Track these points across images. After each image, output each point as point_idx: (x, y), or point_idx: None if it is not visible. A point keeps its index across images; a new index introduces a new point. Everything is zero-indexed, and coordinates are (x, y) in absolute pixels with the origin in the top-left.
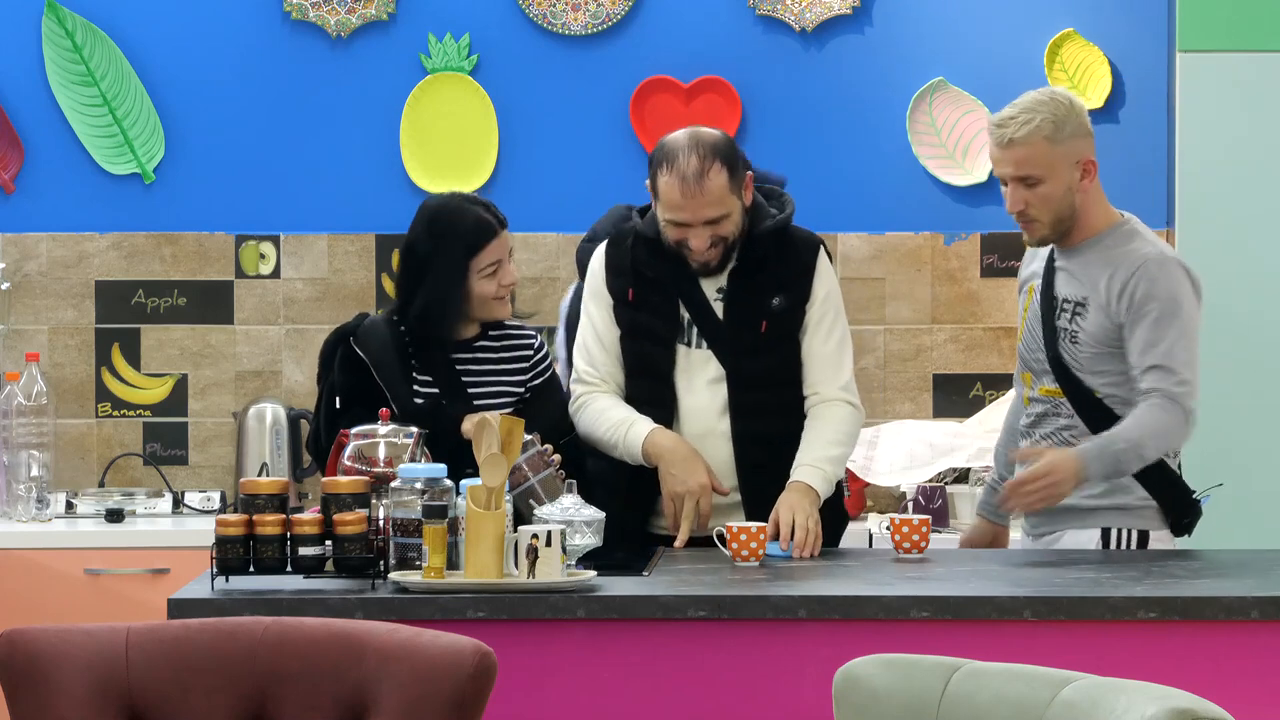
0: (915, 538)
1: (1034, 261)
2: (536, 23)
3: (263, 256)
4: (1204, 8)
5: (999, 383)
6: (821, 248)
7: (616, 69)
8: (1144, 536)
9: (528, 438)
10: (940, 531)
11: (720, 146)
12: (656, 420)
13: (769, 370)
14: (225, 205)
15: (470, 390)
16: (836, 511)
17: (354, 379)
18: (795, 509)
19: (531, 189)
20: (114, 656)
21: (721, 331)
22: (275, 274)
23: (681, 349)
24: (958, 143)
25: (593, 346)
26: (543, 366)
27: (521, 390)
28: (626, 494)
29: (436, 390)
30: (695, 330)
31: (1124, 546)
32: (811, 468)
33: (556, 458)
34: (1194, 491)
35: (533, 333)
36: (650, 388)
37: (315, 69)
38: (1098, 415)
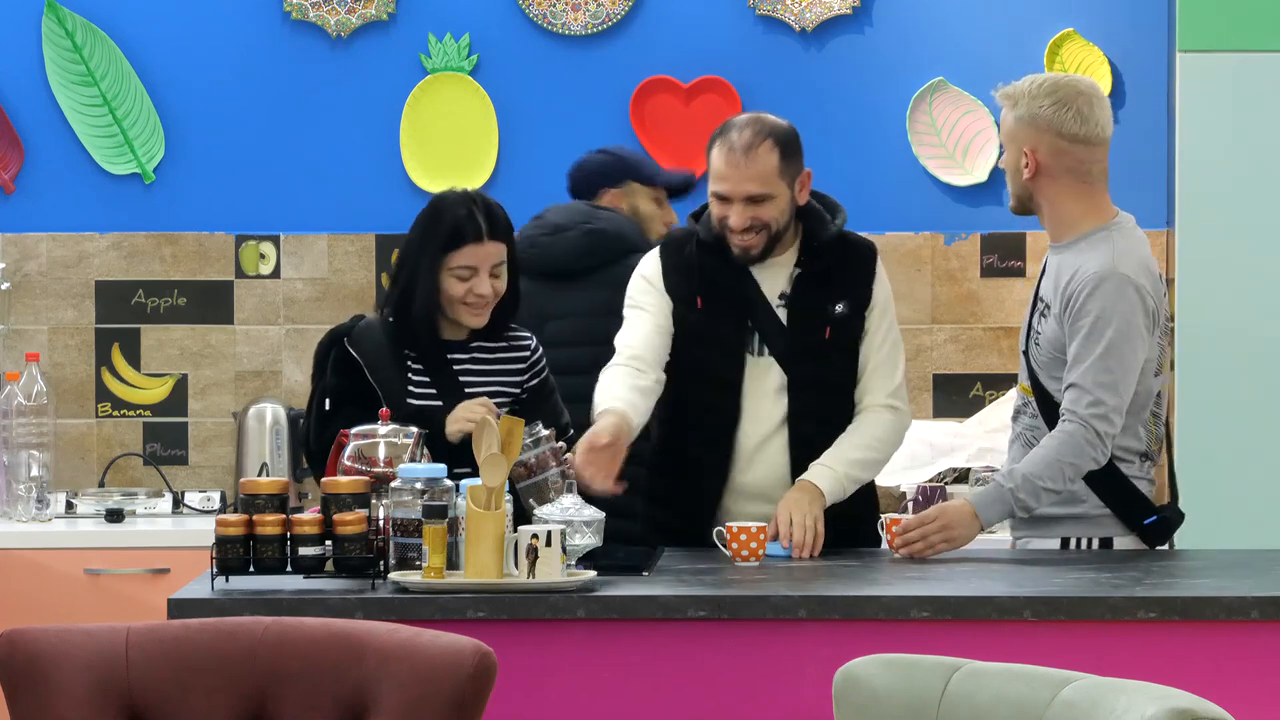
0: None
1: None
2: (536, 23)
3: (263, 256)
4: (1204, 8)
5: (999, 383)
6: (877, 253)
7: (616, 69)
8: (1106, 543)
9: (544, 432)
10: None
11: (779, 131)
12: (718, 428)
13: (829, 376)
14: (225, 205)
15: (468, 391)
16: (868, 529)
17: (346, 381)
18: (795, 508)
19: (531, 189)
20: (114, 656)
21: (785, 337)
22: (275, 274)
23: (749, 358)
24: (958, 143)
25: (635, 318)
26: (539, 368)
27: (518, 391)
28: (675, 504)
29: (434, 390)
30: (757, 336)
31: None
32: (824, 468)
33: (570, 455)
34: (1158, 503)
35: (528, 335)
36: (717, 396)
37: (315, 69)
38: (1056, 420)
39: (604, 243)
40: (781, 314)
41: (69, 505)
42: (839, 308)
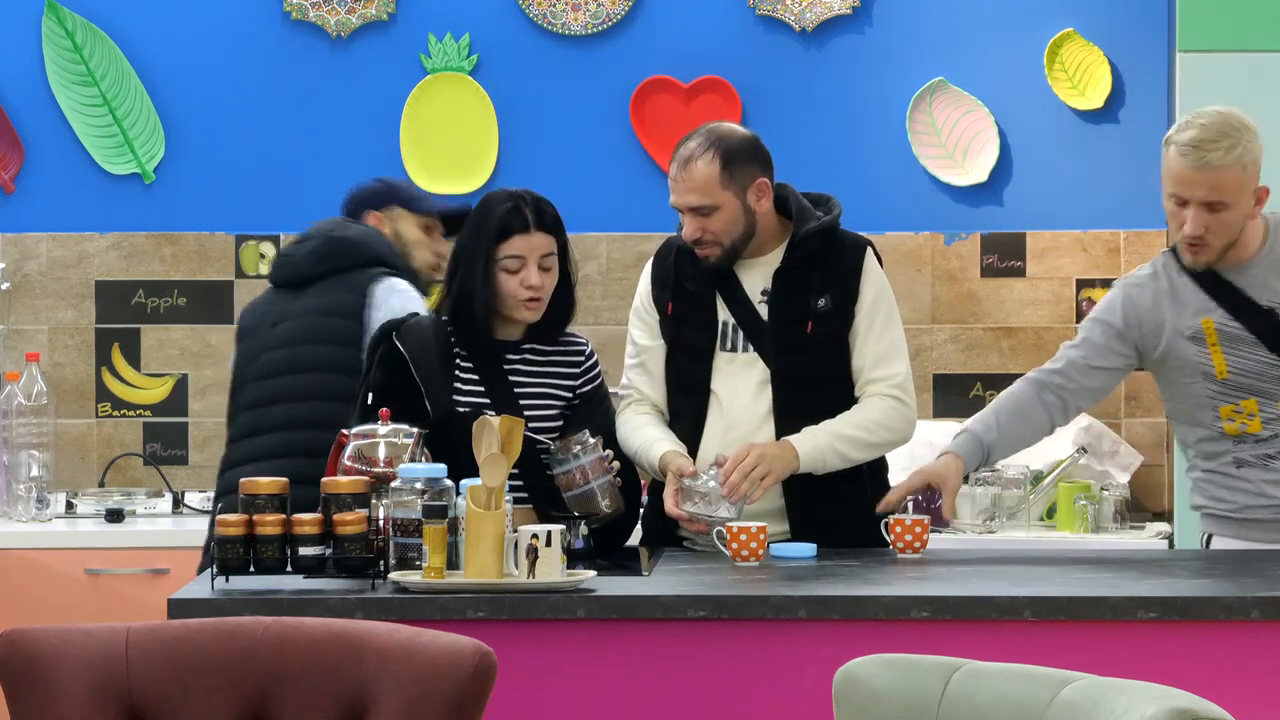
0: (909, 538)
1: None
2: (536, 23)
3: (263, 256)
4: (1204, 8)
5: (999, 383)
6: (869, 249)
7: (616, 69)
8: None
9: (590, 440)
10: (940, 531)
11: (727, 141)
12: (688, 434)
13: (814, 371)
14: (225, 205)
15: (517, 392)
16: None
17: (391, 376)
18: (754, 450)
19: (531, 189)
20: (114, 656)
21: (765, 332)
22: None
23: (724, 355)
24: (958, 143)
25: (632, 363)
26: (593, 374)
27: (570, 396)
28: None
29: (482, 389)
30: (741, 334)
31: None
32: (809, 432)
33: (616, 464)
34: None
35: (584, 340)
36: (685, 403)
37: (315, 69)
38: None
39: (339, 249)
40: (763, 310)
41: (69, 505)
42: (821, 302)
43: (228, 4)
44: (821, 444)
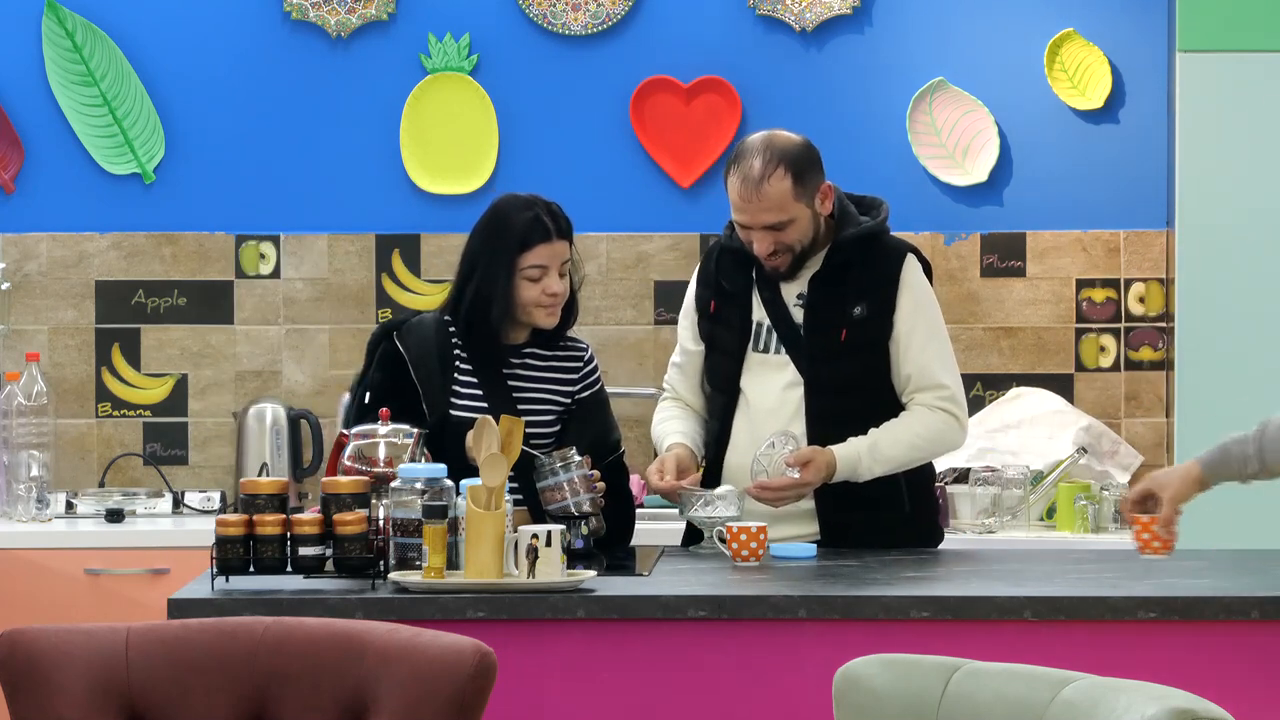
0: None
1: None
2: (536, 23)
3: (263, 256)
4: (1204, 8)
5: (999, 383)
6: (910, 256)
7: (616, 69)
8: None
9: (576, 458)
10: None
11: (790, 153)
12: (715, 431)
13: (849, 377)
14: (225, 205)
15: (515, 396)
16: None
17: (390, 376)
18: (812, 470)
19: (531, 189)
20: (114, 656)
21: (799, 337)
22: (275, 274)
23: (755, 356)
24: (958, 143)
25: (675, 361)
26: (592, 379)
27: (568, 401)
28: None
29: (480, 393)
30: (774, 336)
31: None
32: (851, 454)
33: (600, 485)
34: None
35: (584, 345)
36: (717, 400)
37: (315, 69)
38: None
39: None
40: (798, 314)
41: (69, 505)
42: (857, 310)
43: (228, 4)
44: (861, 450)
